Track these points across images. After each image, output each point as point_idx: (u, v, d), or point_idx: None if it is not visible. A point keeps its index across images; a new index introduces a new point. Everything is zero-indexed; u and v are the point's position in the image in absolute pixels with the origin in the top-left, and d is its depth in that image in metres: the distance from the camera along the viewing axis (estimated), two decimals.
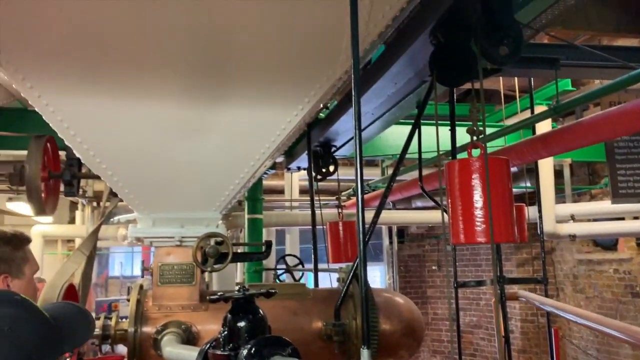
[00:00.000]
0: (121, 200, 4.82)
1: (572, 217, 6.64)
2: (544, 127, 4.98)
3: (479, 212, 2.02)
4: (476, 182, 2.04)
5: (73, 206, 9.55)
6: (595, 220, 6.99)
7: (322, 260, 4.78)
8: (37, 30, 2.08)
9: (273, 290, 1.71)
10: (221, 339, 1.66)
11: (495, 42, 1.91)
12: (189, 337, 2.67)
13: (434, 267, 11.94)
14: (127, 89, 2.32)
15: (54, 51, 2.14)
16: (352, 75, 1.45)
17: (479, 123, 2.17)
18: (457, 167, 2.13)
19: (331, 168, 5.01)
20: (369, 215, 6.81)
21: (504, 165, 2.13)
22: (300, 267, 5.48)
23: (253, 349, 1.52)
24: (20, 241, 1.95)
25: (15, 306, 1.14)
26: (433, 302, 11.70)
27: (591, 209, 6.89)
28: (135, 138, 2.46)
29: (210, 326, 2.75)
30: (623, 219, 6.86)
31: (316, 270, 3.92)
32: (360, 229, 1.50)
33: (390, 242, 11.90)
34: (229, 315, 1.68)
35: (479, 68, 1.99)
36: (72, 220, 9.51)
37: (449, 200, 2.17)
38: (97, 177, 5.62)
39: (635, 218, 6.79)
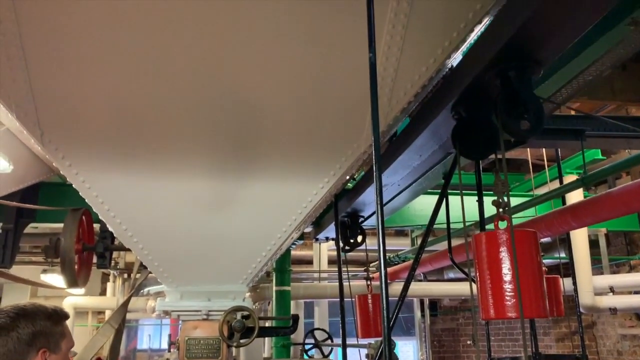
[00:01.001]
0: (151, 272, 4.89)
1: (612, 289, 6.37)
2: (575, 196, 4.91)
3: (507, 286, 1.98)
4: (504, 255, 2.01)
5: (105, 278, 9.66)
6: (636, 292, 6.69)
7: (351, 334, 4.66)
8: (76, 110, 2.22)
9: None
10: None
11: (516, 116, 1.95)
12: None
13: (469, 342, 11.45)
14: (159, 167, 2.41)
15: (92, 131, 2.27)
16: (373, 152, 1.49)
17: (504, 196, 2.17)
18: (484, 239, 2.11)
19: (359, 239, 4.99)
20: (399, 287, 6.69)
21: (532, 238, 2.10)
22: (328, 341, 5.35)
23: None
24: (60, 317, 2.00)
25: None
26: None
27: (631, 280, 6.61)
28: (166, 213, 2.53)
29: None
30: None
31: (344, 346, 3.83)
32: (384, 305, 1.49)
33: (423, 316, 11.55)
34: None
35: (500, 141, 2.02)
36: (103, 292, 9.60)
37: (477, 273, 2.14)
38: (129, 250, 5.73)
39: None
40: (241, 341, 2.77)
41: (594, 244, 7.18)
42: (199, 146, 2.41)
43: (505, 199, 2.13)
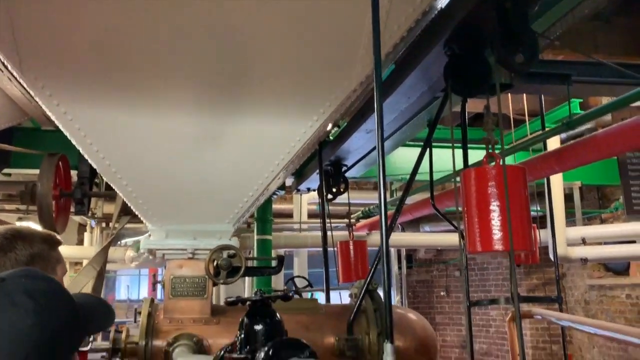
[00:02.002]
0: (132, 217, 4.83)
1: (584, 241, 6.57)
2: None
3: (496, 220, 2.01)
4: (493, 190, 2.03)
5: (81, 229, 9.57)
6: (606, 243, 6.92)
7: (331, 282, 4.73)
8: (57, 38, 2.12)
9: (290, 294, 1.70)
10: (238, 343, 1.64)
11: (511, 50, 1.93)
12: (200, 351, 2.63)
13: (442, 293, 11.80)
14: (144, 99, 2.34)
15: (73, 59, 2.17)
16: (374, 73, 1.46)
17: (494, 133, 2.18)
18: (473, 175, 2.13)
19: (342, 188, 5.01)
20: (378, 237, 6.77)
21: (521, 174, 2.12)
22: (309, 288, 5.43)
23: (271, 351, 1.49)
24: (54, 242, 1.98)
25: (46, 281, 1.16)
26: (442, 328, 11.52)
27: (603, 231, 6.83)
28: (150, 149, 2.48)
29: (222, 340, 2.71)
30: (635, 242, 6.79)
31: (328, 289, 3.89)
32: (384, 249, 1.49)
33: (399, 267, 11.81)
34: (246, 319, 1.66)
35: (494, 77, 2.01)
36: (80, 243, 9.52)
37: (465, 209, 2.16)
38: (107, 196, 5.66)
39: None
40: (227, 279, 2.77)
41: (568, 198, 7.35)
42: (185, 79, 2.34)
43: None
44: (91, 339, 2.39)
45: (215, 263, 2.75)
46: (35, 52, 2.12)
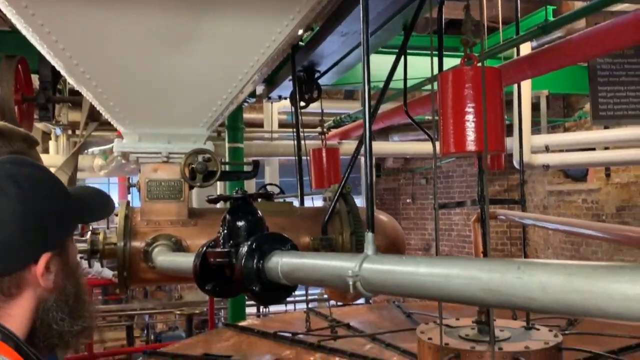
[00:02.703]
0: (100, 124, 4.71)
1: (547, 148, 6.79)
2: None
3: (471, 122, 2.05)
4: (469, 92, 2.05)
5: (45, 137, 9.31)
6: (568, 150, 7.17)
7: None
8: None
9: (271, 192, 1.73)
10: (220, 238, 1.69)
11: None
12: (179, 250, 2.70)
13: (408, 200, 12.23)
14: None
15: None
16: None
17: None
18: (450, 76, 2.13)
19: (315, 95, 4.96)
20: (349, 146, 6.82)
21: (497, 76, 2.14)
22: (281, 195, 5.51)
23: (254, 244, 1.55)
24: (32, 141, 1.94)
25: (33, 167, 1.13)
26: (407, 233, 12.04)
27: (565, 139, 7.04)
28: (121, 47, 2.38)
29: (200, 241, 2.75)
30: (594, 149, 7.06)
31: (302, 195, 3.96)
32: (368, 156, 1.50)
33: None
34: (228, 216, 1.70)
35: None
36: (45, 152, 9.30)
37: (441, 111, 2.19)
38: (73, 102, 5.46)
39: (606, 148, 6.99)
40: (204, 183, 2.80)
41: (534, 107, 7.48)
42: None
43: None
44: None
45: (190, 167, 2.76)
46: None
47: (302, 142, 4.47)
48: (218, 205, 3.00)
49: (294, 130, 4.52)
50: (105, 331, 8.91)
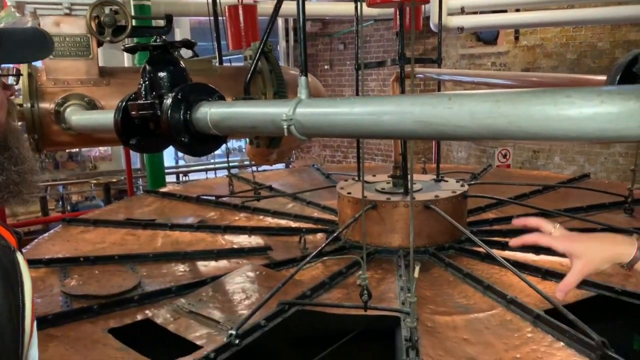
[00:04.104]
0: None
1: (462, 10, 6.84)
2: None
3: None
4: None
5: None
6: (482, 12, 7.28)
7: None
8: None
9: (193, 41, 1.64)
10: (142, 91, 1.61)
11: None
12: None
13: (326, 67, 12.13)
14: None
15: None
16: None
17: None
18: None
19: None
20: (267, 6, 6.52)
21: None
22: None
23: (179, 94, 1.50)
24: None
25: None
26: None
27: (480, 1, 7.11)
28: None
29: (115, 101, 2.63)
30: (506, 11, 7.23)
31: (220, 53, 3.80)
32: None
33: (287, 41, 11.74)
34: (149, 66, 1.61)
35: None
36: None
37: None
38: None
39: (517, 11, 7.17)
40: (113, 38, 2.60)
41: None
42: None
43: None
44: None
45: (97, 20, 2.53)
46: None
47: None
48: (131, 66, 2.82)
49: None
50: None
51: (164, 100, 1.52)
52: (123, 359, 2.00)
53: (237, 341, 2.02)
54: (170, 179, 8.58)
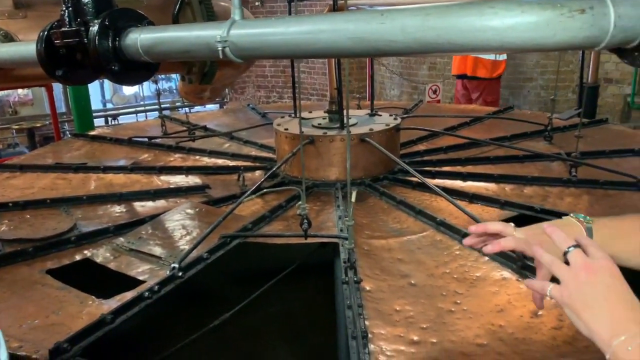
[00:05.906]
0: None
1: None
2: None
3: None
4: None
5: None
6: None
7: None
8: None
9: None
10: (65, 17, 1.53)
11: None
12: None
13: (257, 3, 11.78)
14: None
15: None
16: None
17: None
18: None
19: None
20: None
21: None
22: None
23: (106, 20, 1.43)
24: None
25: None
26: None
27: None
28: None
29: (35, 36, 2.49)
30: None
31: None
32: None
33: None
34: None
35: None
36: None
37: None
38: None
39: None
40: None
41: None
42: None
43: None
44: None
45: None
46: None
47: None
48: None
49: None
50: None
51: (90, 27, 1.46)
52: (64, 297, 1.99)
53: (180, 274, 2.05)
54: (98, 122, 8.23)
